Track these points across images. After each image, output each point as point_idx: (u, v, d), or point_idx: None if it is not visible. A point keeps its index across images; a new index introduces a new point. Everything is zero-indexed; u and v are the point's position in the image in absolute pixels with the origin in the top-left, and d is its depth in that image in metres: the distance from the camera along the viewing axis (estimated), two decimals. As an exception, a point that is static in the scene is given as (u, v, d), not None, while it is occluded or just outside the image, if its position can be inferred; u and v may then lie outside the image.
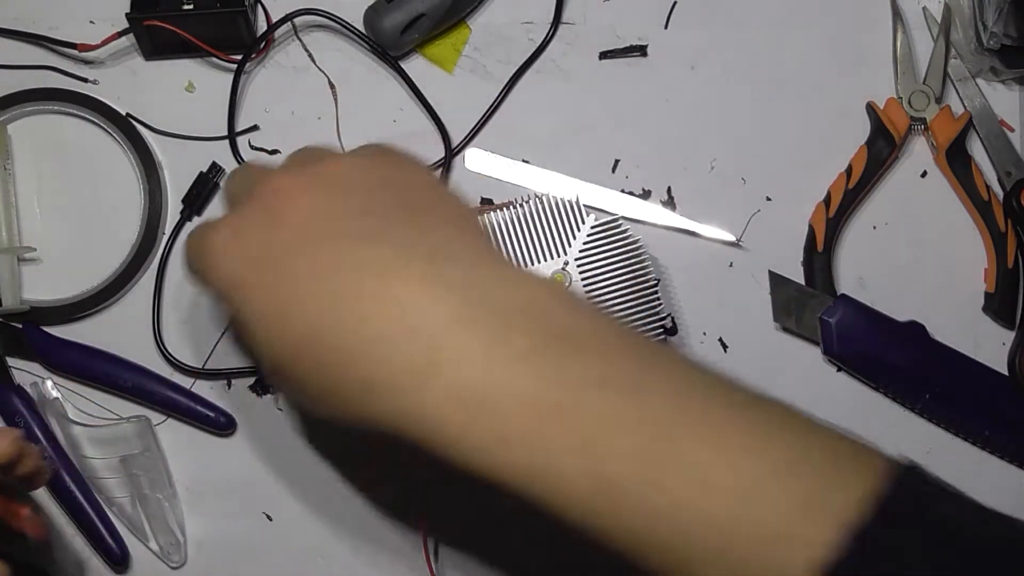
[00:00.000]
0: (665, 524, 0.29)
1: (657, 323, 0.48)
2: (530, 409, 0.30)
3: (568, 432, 0.29)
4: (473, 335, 0.31)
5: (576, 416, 0.29)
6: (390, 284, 0.32)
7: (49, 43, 0.53)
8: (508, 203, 0.49)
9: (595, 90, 0.54)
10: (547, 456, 0.29)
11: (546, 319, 0.31)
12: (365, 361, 0.31)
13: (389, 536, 0.51)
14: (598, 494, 0.29)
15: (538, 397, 0.30)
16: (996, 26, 0.51)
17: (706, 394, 0.31)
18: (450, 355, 0.31)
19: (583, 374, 0.30)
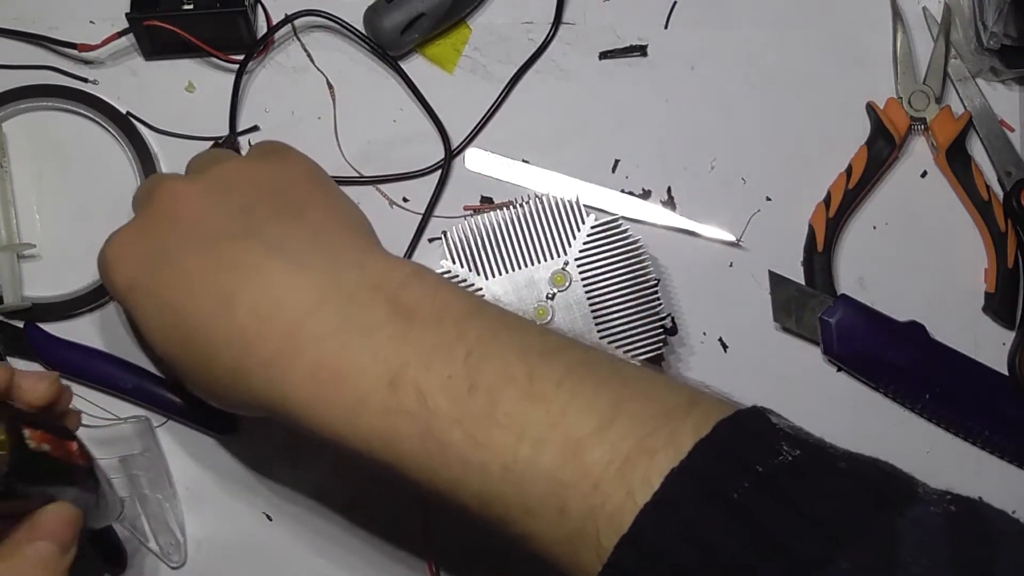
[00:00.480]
0: (495, 480, 0.32)
1: (657, 323, 0.48)
2: (374, 379, 0.33)
3: (404, 398, 0.32)
4: (328, 316, 0.34)
5: (409, 384, 0.32)
6: (258, 278, 0.35)
7: (49, 43, 0.53)
8: (508, 203, 0.49)
9: (595, 90, 0.54)
10: (388, 421, 0.33)
11: (394, 297, 0.34)
12: (232, 351, 0.35)
13: (389, 536, 0.51)
14: (434, 455, 0.32)
15: (380, 367, 0.33)
16: (996, 26, 0.51)
17: (539, 357, 0.33)
18: (308, 337, 0.34)
19: (419, 345, 0.33)
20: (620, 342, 0.47)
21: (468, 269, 0.47)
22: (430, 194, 0.52)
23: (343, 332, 0.34)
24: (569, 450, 0.31)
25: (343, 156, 0.52)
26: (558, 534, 0.32)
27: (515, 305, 0.47)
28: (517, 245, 0.48)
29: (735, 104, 0.54)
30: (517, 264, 0.48)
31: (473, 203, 0.52)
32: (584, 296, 0.47)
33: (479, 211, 0.51)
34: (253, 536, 0.51)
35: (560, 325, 0.47)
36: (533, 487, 0.31)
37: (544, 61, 0.54)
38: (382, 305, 0.34)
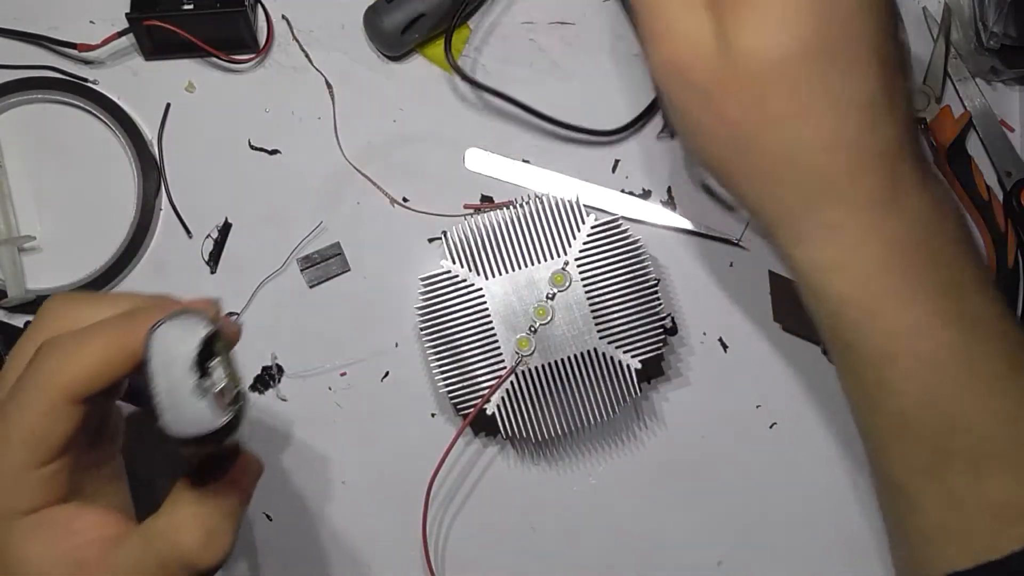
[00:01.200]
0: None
1: (657, 323, 0.48)
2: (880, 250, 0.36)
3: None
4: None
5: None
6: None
7: (49, 43, 0.53)
8: (508, 203, 0.49)
9: (595, 90, 0.54)
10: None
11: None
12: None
13: (389, 537, 0.51)
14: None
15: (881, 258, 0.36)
16: (996, 26, 0.51)
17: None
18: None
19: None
20: (620, 342, 0.47)
21: (468, 269, 0.47)
22: (430, 194, 0.52)
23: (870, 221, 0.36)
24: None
25: (343, 156, 0.52)
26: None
27: (515, 305, 0.47)
28: (517, 245, 0.48)
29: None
30: (517, 264, 0.48)
31: (473, 203, 0.52)
32: (584, 296, 0.47)
33: (479, 211, 0.51)
34: (253, 536, 0.51)
35: (560, 325, 0.47)
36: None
37: (544, 61, 0.54)
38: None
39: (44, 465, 0.33)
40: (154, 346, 0.31)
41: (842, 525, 0.51)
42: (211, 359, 0.32)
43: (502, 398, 0.47)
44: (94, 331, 0.34)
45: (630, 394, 0.47)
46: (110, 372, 0.33)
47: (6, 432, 0.33)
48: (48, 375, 0.33)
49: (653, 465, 0.51)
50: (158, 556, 0.33)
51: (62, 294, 0.40)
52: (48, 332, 0.35)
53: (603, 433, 0.51)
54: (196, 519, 0.34)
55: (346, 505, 0.51)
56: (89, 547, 0.33)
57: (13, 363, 0.35)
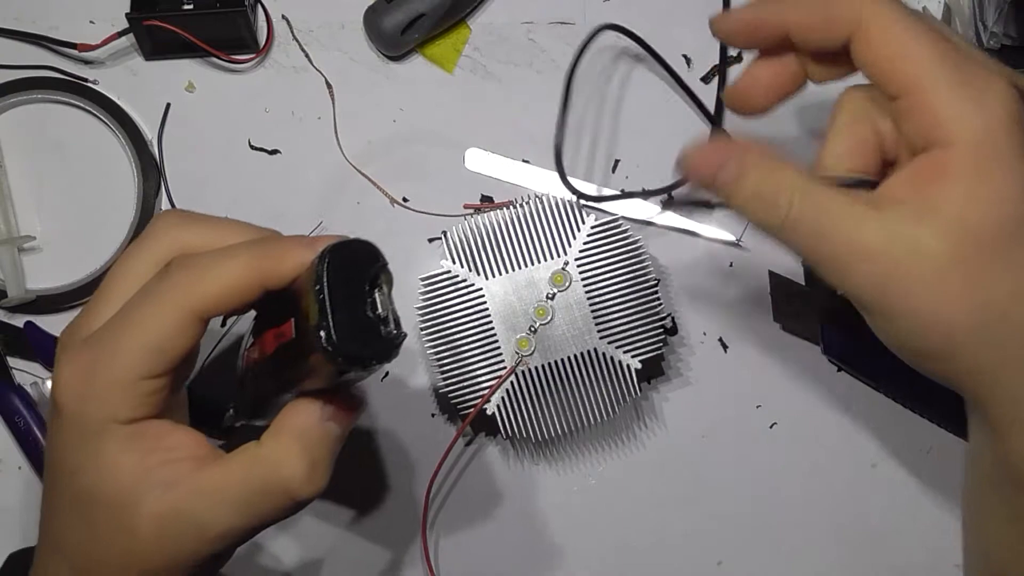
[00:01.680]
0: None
1: (657, 323, 0.48)
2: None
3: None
4: None
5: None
6: None
7: (49, 43, 0.53)
8: (508, 203, 0.49)
9: (595, 90, 0.54)
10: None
11: None
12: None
13: (389, 535, 0.51)
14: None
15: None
16: (996, 26, 0.51)
17: None
18: None
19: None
20: (620, 342, 0.47)
21: (468, 269, 0.47)
22: (430, 194, 0.52)
23: None
24: None
25: (343, 156, 0.52)
26: None
27: (515, 305, 0.47)
28: (517, 245, 0.48)
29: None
30: (517, 264, 0.48)
31: (473, 203, 0.52)
32: (584, 296, 0.47)
33: (479, 211, 0.51)
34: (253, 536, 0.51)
35: (560, 325, 0.47)
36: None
37: (544, 61, 0.54)
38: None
39: (155, 378, 0.33)
40: (332, 266, 0.31)
41: (842, 525, 0.51)
42: (379, 289, 0.33)
43: (502, 398, 0.47)
44: (231, 253, 0.34)
45: (630, 394, 0.47)
46: (241, 296, 0.33)
47: (124, 338, 0.33)
48: (182, 289, 0.33)
49: (653, 465, 0.51)
50: (262, 483, 0.33)
51: (175, 211, 0.40)
52: (164, 247, 0.35)
53: (603, 433, 0.51)
54: (303, 450, 0.34)
55: (346, 505, 0.51)
56: (180, 465, 0.33)
57: (119, 274, 0.35)
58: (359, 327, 0.32)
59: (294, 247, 0.34)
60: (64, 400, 0.33)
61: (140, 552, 0.33)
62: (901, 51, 0.32)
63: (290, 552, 0.51)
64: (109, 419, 0.33)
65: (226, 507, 0.33)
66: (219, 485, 0.33)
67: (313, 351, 0.31)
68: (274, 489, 0.33)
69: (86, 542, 0.34)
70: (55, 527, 0.35)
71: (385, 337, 0.32)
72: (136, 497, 0.33)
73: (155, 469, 0.33)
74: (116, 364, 0.33)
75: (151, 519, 0.33)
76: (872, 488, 0.51)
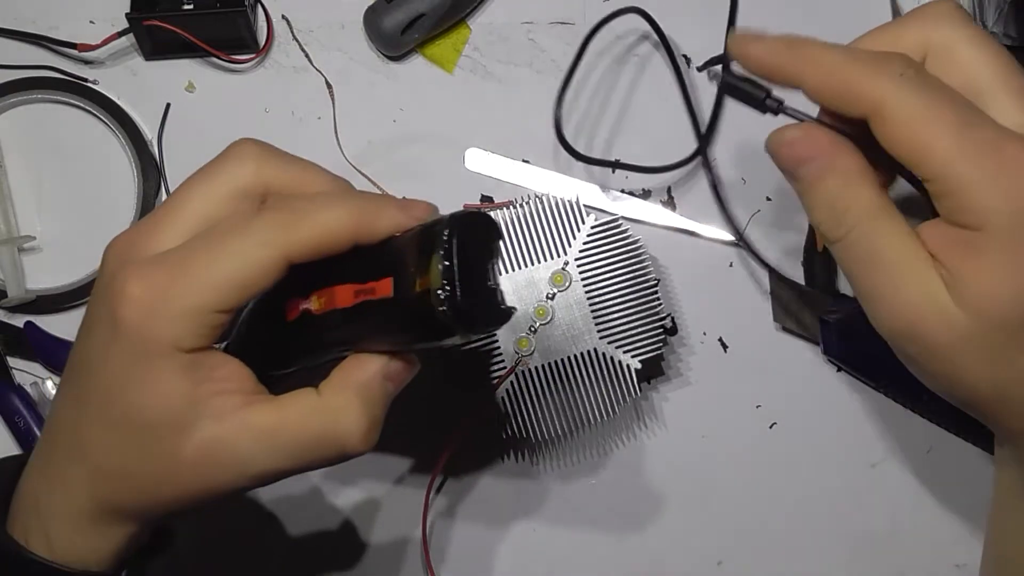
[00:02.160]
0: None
1: (657, 323, 0.48)
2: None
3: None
4: None
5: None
6: None
7: (49, 43, 0.53)
8: (508, 203, 0.49)
9: (595, 90, 0.54)
10: None
11: None
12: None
13: (389, 536, 0.51)
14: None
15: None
16: (996, 26, 0.51)
17: None
18: None
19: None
20: (620, 342, 0.47)
21: (468, 269, 0.47)
22: (430, 194, 0.52)
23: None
24: None
25: (343, 156, 0.52)
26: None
27: (515, 305, 0.47)
28: (517, 245, 0.48)
29: (735, 104, 0.53)
30: (517, 264, 0.48)
31: (473, 203, 0.52)
32: (584, 296, 0.47)
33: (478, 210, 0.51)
34: (253, 536, 0.51)
35: (560, 325, 0.47)
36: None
37: (544, 61, 0.54)
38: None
39: (224, 313, 0.33)
40: (459, 234, 0.32)
41: (842, 525, 0.51)
42: (494, 261, 0.33)
43: (502, 398, 0.47)
44: (331, 202, 0.34)
45: (630, 394, 0.47)
46: (334, 246, 0.33)
47: (208, 268, 0.32)
48: (280, 230, 0.32)
49: (653, 465, 0.51)
50: (318, 434, 0.34)
51: (255, 141, 0.36)
52: (245, 178, 0.35)
53: (603, 433, 0.51)
54: (364, 407, 0.34)
55: (346, 505, 0.51)
56: (231, 397, 0.33)
57: (193, 195, 0.34)
58: (481, 294, 0.33)
59: (391, 208, 0.34)
60: (129, 316, 0.32)
61: (177, 476, 0.33)
62: (925, 142, 0.31)
63: (290, 552, 0.51)
64: (173, 345, 0.32)
65: (275, 449, 0.33)
66: (271, 426, 0.33)
67: (411, 318, 0.32)
68: (329, 442, 0.34)
69: (121, 457, 0.34)
70: (84, 436, 0.34)
71: (501, 305, 0.33)
72: (185, 423, 0.33)
73: (207, 399, 0.33)
74: (194, 291, 0.32)
75: (196, 447, 0.33)
76: (872, 488, 0.51)
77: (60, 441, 0.35)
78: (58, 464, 0.35)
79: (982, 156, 0.31)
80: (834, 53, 0.33)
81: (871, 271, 0.33)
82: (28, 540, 0.35)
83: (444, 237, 0.31)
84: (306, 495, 0.51)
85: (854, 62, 0.33)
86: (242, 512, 0.51)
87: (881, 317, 0.33)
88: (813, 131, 0.34)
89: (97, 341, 0.34)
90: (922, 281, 0.32)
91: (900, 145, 0.32)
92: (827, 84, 0.33)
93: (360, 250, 0.34)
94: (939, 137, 0.31)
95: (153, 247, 0.34)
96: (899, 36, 0.35)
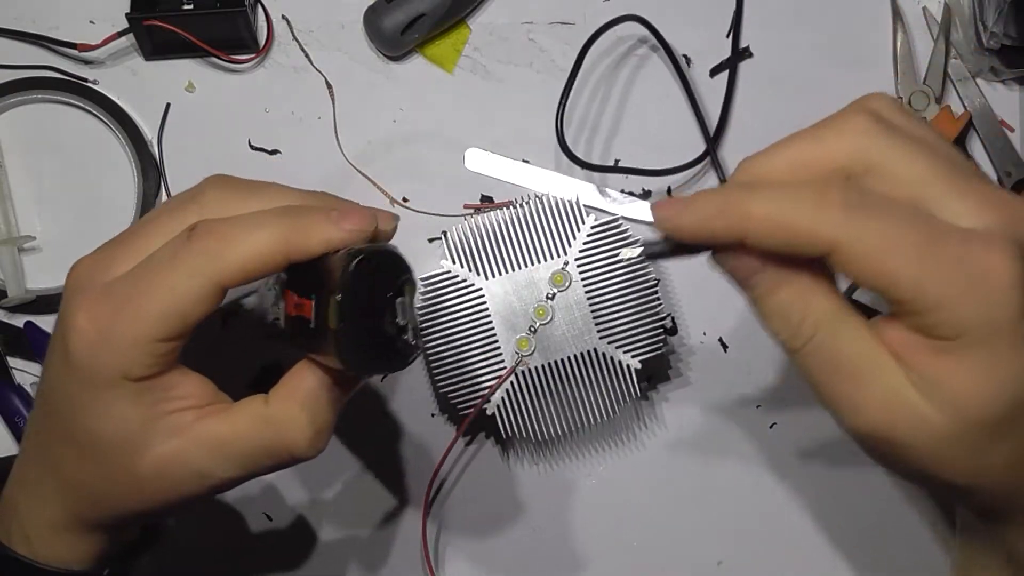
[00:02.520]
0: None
1: (657, 323, 0.48)
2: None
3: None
4: None
5: None
6: None
7: (49, 43, 0.53)
8: (508, 203, 0.49)
9: (595, 90, 0.54)
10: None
11: None
12: None
13: (389, 536, 0.51)
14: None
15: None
16: (996, 26, 0.51)
17: None
18: None
19: None
20: (620, 342, 0.47)
21: (468, 269, 0.47)
22: (430, 194, 0.52)
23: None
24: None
25: (343, 156, 0.52)
26: None
27: (515, 305, 0.47)
28: (517, 245, 0.48)
29: (735, 103, 0.54)
30: (517, 264, 0.47)
31: (473, 203, 0.52)
32: (584, 296, 0.47)
33: (479, 211, 0.51)
34: (253, 536, 0.51)
35: (560, 325, 0.47)
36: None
37: (544, 61, 0.54)
38: None
39: (171, 341, 0.33)
40: (357, 276, 0.32)
41: (842, 525, 0.51)
42: (401, 298, 0.34)
43: (502, 398, 0.47)
44: (258, 223, 0.34)
45: (630, 394, 0.47)
46: (266, 267, 0.34)
47: (146, 300, 0.33)
48: (206, 257, 0.33)
49: (653, 465, 0.51)
50: (267, 444, 0.35)
51: (222, 179, 0.38)
52: (205, 212, 0.35)
53: (603, 433, 0.51)
54: (310, 416, 0.35)
55: (347, 505, 0.51)
56: (185, 414, 0.34)
57: (151, 229, 0.35)
58: (376, 340, 0.33)
59: (321, 224, 0.34)
60: (76, 347, 0.33)
61: (139, 491, 0.35)
62: (889, 271, 0.29)
63: (290, 552, 0.51)
64: (121, 374, 0.33)
65: (227, 459, 0.35)
66: (223, 438, 0.34)
67: (327, 345, 0.32)
68: (279, 450, 0.35)
69: (86, 474, 0.35)
70: (52, 453, 0.36)
71: (400, 349, 0.33)
72: (140, 443, 0.34)
73: (161, 418, 0.34)
74: (135, 324, 0.33)
75: (153, 463, 0.34)
76: (871, 488, 0.51)
77: (34, 456, 0.37)
78: (33, 475, 0.37)
79: (950, 273, 0.29)
80: (769, 202, 0.30)
81: (835, 378, 0.32)
82: (10, 541, 0.36)
83: (343, 273, 0.32)
84: (305, 495, 0.51)
85: (795, 206, 0.30)
86: (238, 512, 0.51)
87: (849, 421, 0.32)
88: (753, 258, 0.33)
89: (53, 367, 0.35)
90: (890, 384, 0.31)
91: (864, 277, 0.30)
92: (772, 236, 0.31)
93: (304, 263, 0.34)
94: (903, 264, 0.29)
95: (105, 273, 0.35)
96: (826, 151, 0.32)
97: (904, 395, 0.30)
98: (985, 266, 0.29)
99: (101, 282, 0.34)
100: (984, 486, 0.32)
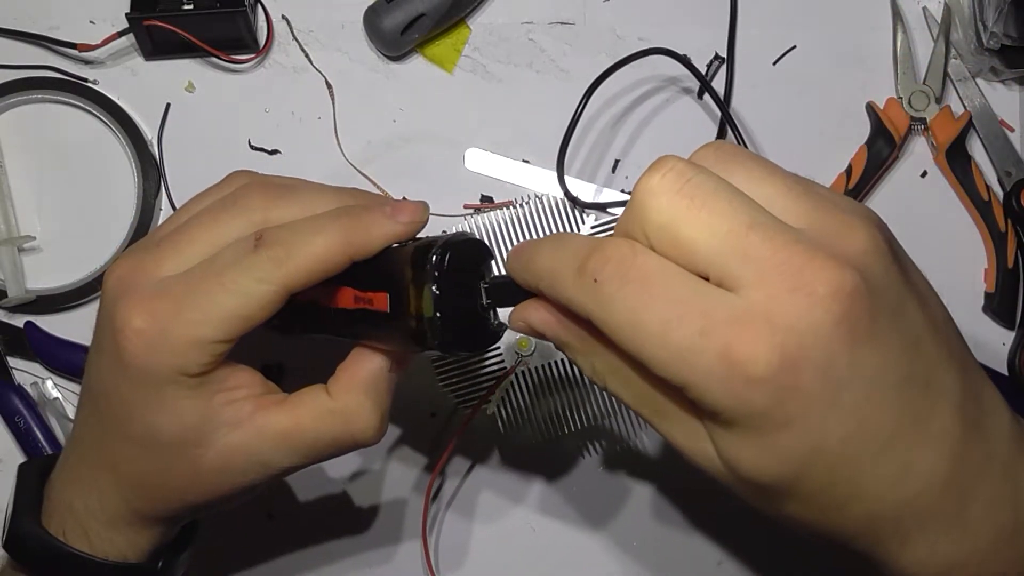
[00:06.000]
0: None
1: (657, 323, 0.48)
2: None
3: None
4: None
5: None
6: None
7: (49, 43, 0.53)
8: (508, 203, 0.49)
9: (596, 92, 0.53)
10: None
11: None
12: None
13: (389, 536, 0.51)
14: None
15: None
16: (996, 26, 0.51)
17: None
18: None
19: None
20: (620, 342, 0.47)
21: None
22: (430, 194, 0.52)
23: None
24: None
25: (343, 156, 0.52)
26: None
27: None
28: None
29: (735, 104, 0.54)
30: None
31: (473, 203, 0.52)
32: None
33: (479, 211, 0.51)
34: (253, 536, 0.51)
35: (560, 325, 0.47)
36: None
37: (544, 61, 0.54)
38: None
39: (226, 343, 0.34)
40: (447, 267, 0.33)
41: (842, 525, 0.51)
42: (484, 279, 0.35)
43: (502, 398, 0.47)
44: (319, 227, 0.34)
45: (630, 394, 0.47)
46: (330, 268, 0.34)
47: (209, 301, 0.33)
48: (275, 264, 0.34)
49: (653, 465, 0.51)
50: (334, 435, 0.36)
51: (259, 183, 0.38)
52: (254, 223, 0.35)
53: (603, 433, 0.51)
54: (375, 404, 0.36)
55: (346, 505, 0.51)
56: (243, 404, 0.35)
57: (204, 237, 0.35)
58: (469, 324, 0.34)
59: (380, 221, 0.35)
60: (132, 348, 0.33)
61: (201, 483, 0.35)
62: (637, 352, 0.28)
63: (290, 552, 0.51)
64: (178, 372, 0.34)
65: (292, 450, 0.36)
66: (287, 431, 0.35)
67: (403, 333, 0.34)
68: (346, 440, 0.36)
69: (147, 469, 0.36)
70: (110, 451, 0.36)
71: (491, 329, 0.35)
72: (202, 437, 0.35)
73: (219, 411, 0.35)
74: (196, 325, 0.33)
75: (215, 455, 0.35)
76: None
77: (88, 455, 0.37)
78: (89, 474, 0.37)
79: (696, 357, 0.26)
80: (542, 277, 0.30)
81: (660, 423, 0.30)
82: (67, 537, 0.37)
83: (435, 264, 0.33)
84: (305, 496, 0.51)
85: (557, 280, 0.29)
86: (238, 512, 0.51)
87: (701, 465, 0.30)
88: (542, 310, 0.32)
89: (106, 368, 0.35)
90: (692, 426, 0.29)
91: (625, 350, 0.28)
92: (554, 299, 0.31)
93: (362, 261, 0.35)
94: (647, 348, 0.27)
95: (156, 275, 0.35)
96: (626, 224, 0.29)
97: (705, 452, 0.29)
98: (736, 353, 0.26)
99: (151, 283, 0.34)
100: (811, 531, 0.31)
